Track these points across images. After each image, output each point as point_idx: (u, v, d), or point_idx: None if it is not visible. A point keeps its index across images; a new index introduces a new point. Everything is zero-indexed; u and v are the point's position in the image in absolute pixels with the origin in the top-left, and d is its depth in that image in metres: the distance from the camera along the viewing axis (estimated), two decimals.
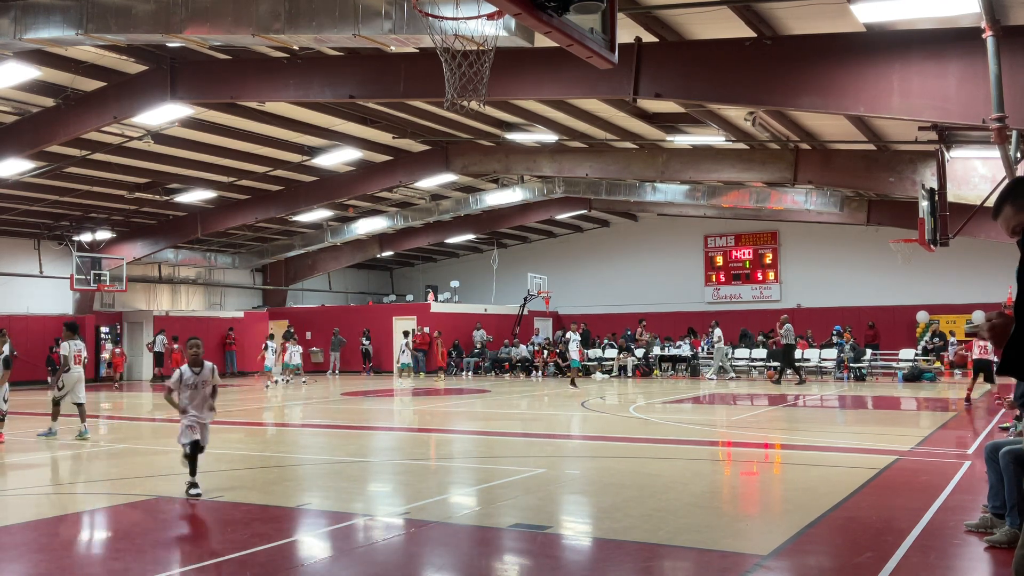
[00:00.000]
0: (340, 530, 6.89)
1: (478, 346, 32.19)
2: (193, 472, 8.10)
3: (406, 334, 29.18)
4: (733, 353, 29.14)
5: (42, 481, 9.81)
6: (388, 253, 35.58)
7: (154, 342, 29.91)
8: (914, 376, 24.66)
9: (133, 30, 11.88)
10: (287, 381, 26.42)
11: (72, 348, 13.01)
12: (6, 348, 12.64)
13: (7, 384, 12.49)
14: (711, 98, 13.49)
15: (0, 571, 5.75)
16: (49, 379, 27.74)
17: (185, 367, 8.30)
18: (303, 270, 36.57)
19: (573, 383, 23.37)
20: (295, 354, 26.85)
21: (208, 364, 8.34)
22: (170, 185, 24.11)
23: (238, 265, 34.85)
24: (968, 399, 16.69)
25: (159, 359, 29.81)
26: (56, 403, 13.06)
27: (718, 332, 27.38)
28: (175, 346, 28.80)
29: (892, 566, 5.46)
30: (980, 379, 16.97)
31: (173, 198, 24.92)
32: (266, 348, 25.98)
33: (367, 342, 32.37)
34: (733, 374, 27.09)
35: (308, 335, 34.09)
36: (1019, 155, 11.74)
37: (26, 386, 24.94)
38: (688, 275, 34.32)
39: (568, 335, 24.14)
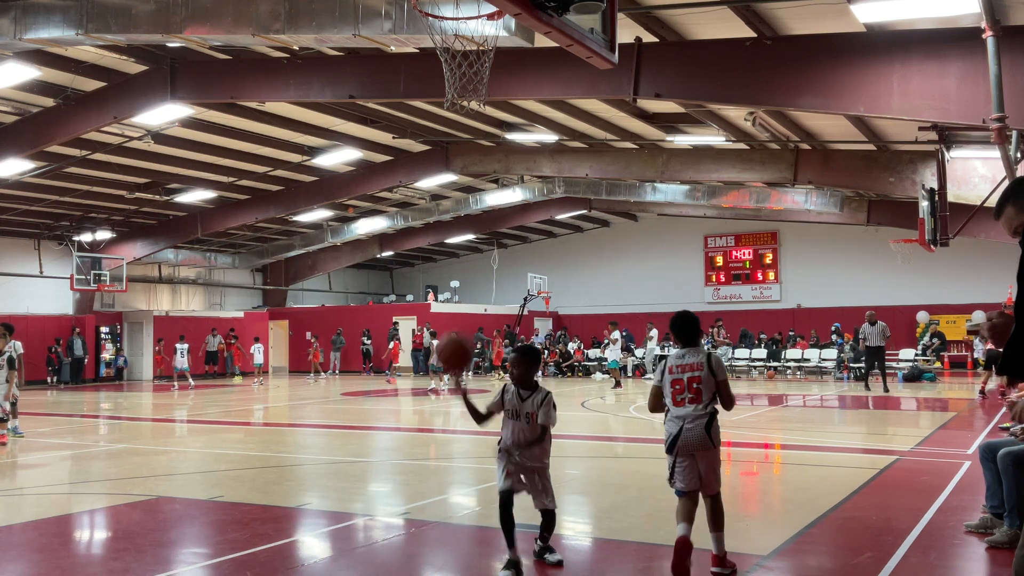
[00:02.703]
0: (340, 530, 6.89)
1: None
2: (510, 540, 5.35)
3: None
4: (733, 353, 29.15)
5: (42, 481, 9.81)
6: (388, 253, 35.57)
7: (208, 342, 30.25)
8: (914, 376, 24.66)
9: (133, 30, 11.87)
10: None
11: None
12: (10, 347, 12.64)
13: (12, 384, 12.53)
14: (711, 98, 13.48)
15: (0, 571, 5.75)
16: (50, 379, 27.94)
17: (510, 385, 5.66)
18: (303, 270, 36.57)
19: (617, 384, 23.09)
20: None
21: (543, 390, 5.56)
22: (170, 185, 24.10)
23: (238, 265, 34.85)
24: (983, 391, 17.28)
25: (212, 358, 30.05)
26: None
27: (653, 332, 27.66)
28: (230, 341, 29.40)
29: (892, 566, 5.46)
30: (993, 371, 17.36)
31: (173, 198, 24.92)
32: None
33: (367, 342, 32.37)
34: (651, 377, 27.01)
35: (308, 335, 34.11)
36: (1019, 155, 11.73)
37: (26, 386, 24.91)
38: (688, 275, 34.32)
39: (615, 335, 23.64)
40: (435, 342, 23.20)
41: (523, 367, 5.58)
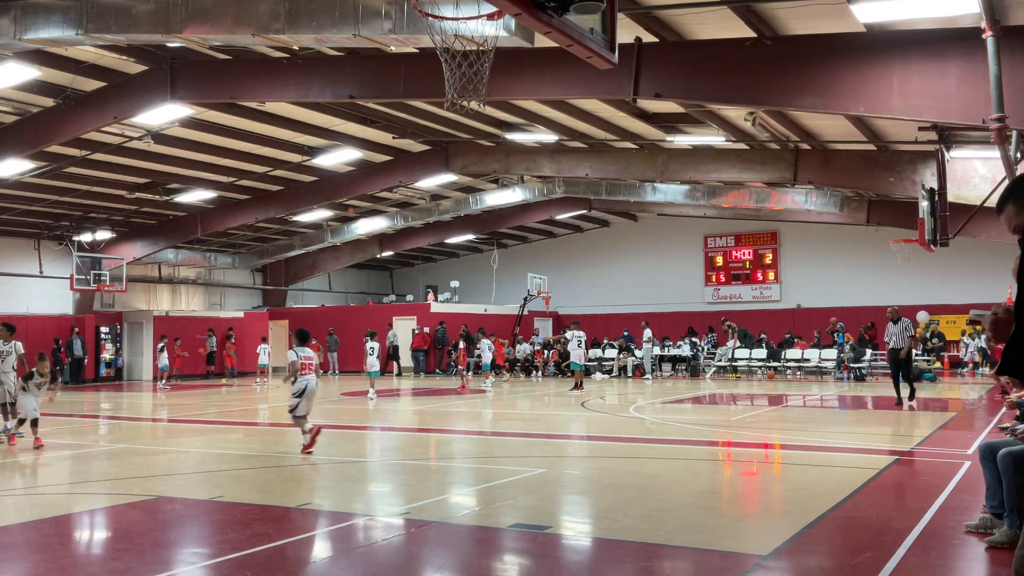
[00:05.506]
0: (340, 530, 6.89)
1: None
2: None
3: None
4: (734, 353, 29.13)
5: (42, 481, 9.81)
6: (388, 253, 35.57)
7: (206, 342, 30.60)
8: (914, 376, 24.61)
9: (133, 30, 11.87)
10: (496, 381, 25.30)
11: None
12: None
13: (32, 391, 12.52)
14: (711, 98, 13.48)
15: (0, 571, 5.75)
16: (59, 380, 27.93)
17: None
18: (303, 270, 36.56)
19: (576, 386, 23.00)
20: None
21: None
22: (170, 185, 24.10)
23: (238, 265, 34.84)
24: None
25: (210, 359, 30.18)
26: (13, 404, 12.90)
27: (648, 332, 27.78)
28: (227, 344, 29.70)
29: (892, 566, 5.46)
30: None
31: (173, 198, 24.91)
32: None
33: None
34: (649, 378, 27.02)
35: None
36: (1019, 155, 11.73)
37: None
38: (688, 275, 34.32)
39: (570, 334, 23.57)
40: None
41: None
